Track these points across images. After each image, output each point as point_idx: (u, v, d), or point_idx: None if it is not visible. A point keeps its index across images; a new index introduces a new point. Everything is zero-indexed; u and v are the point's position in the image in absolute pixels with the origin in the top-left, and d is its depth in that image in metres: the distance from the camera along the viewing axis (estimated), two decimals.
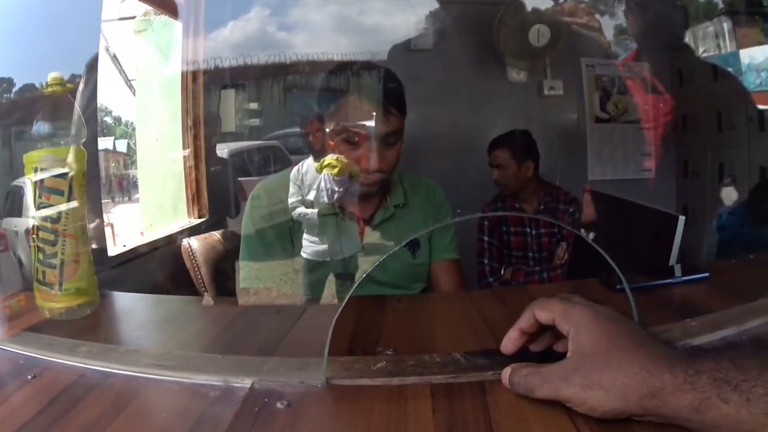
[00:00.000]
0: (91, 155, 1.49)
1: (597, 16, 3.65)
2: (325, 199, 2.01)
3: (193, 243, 2.35)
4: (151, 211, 3.40)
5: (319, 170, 2.10)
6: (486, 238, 3.05)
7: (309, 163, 2.39)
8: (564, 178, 3.29)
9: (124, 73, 3.32)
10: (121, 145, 4.25)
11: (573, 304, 0.86)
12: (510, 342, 0.94)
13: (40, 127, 1.37)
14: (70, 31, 2.21)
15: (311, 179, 2.26)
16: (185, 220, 3.30)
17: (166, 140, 3.40)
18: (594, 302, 0.89)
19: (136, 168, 3.50)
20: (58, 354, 1.13)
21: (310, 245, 2.07)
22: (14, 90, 2.39)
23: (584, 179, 3.65)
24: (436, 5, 3.67)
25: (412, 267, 1.92)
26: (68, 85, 1.42)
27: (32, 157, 1.37)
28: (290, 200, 2.26)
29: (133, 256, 2.73)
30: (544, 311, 0.89)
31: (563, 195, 2.96)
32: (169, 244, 2.86)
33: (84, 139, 1.43)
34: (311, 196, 2.17)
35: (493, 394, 0.89)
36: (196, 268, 2.31)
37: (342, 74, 1.94)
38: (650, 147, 3.71)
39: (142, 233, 3.27)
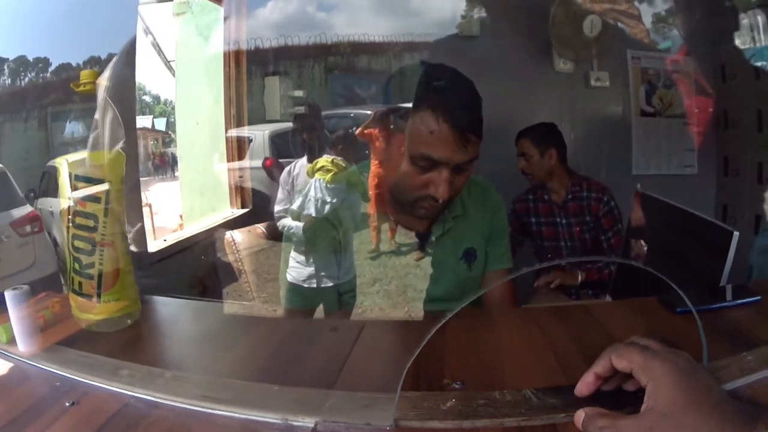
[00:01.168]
0: (130, 151, 1.42)
1: (635, 3, 3.58)
2: (312, 211, 1.87)
3: (236, 236, 2.25)
4: (191, 196, 3.38)
5: (311, 174, 1.95)
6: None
7: (302, 165, 2.21)
8: (610, 171, 3.23)
9: (163, 53, 3.29)
10: (160, 124, 4.24)
11: (653, 355, 0.84)
12: (585, 386, 0.92)
13: (74, 128, 1.30)
14: (106, 11, 2.14)
15: (302, 184, 2.11)
16: (227, 210, 3.23)
17: (207, 124, 3.35)
18: (670, 346, 0.89)
19: (175, 147, 3.48)
20: (99, 377, 1.06)
21: (296, 267, 1.94)
22: (50, 69, 2.36)
23: (629, 174, 3.57)
24: None
25: (467, 280, 1.78)
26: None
27: (66, 162, 1.30)
28: (276, 208, 2.11)
29: (173, 251, 2.66)
30: (622, 360, 0.87)
31: (593, 185, 2.92)
32: (210, 237, 2.79)
33: (122, 141, 1.35)
34: (296, 205, 2.04)
35: None
36: (239, 262, 2.21)
37: (416, 81, 1.73)
38: (693, 143, 3.63)
39: (181, 216, 3.23)
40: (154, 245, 2.60)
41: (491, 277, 1.80)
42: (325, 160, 2.07)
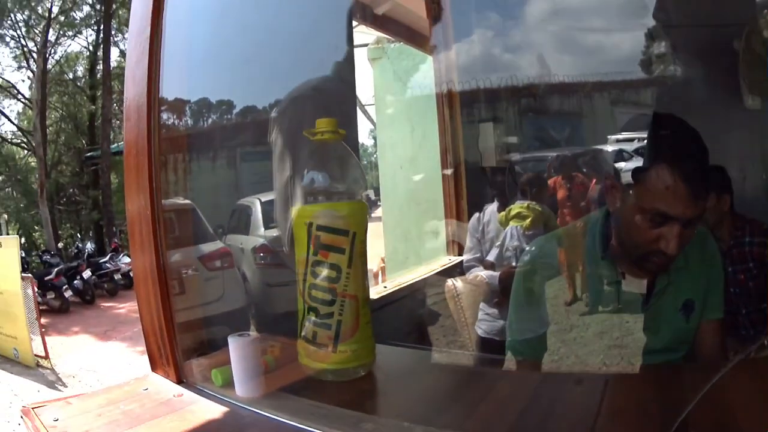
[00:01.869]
0: None
1: None
2: (513, 260, 1.82)
3: (458, 284, 2.22)
4: (394, 240, 3.42)
5: (504, 222, 1.88)
6: None
7: (492, 211, 2.14)
8: None
9: (358, 98, 3.35)
10: None
11: None
12: None
13: (312, 178, 1.30)
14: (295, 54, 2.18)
15: (493, 231, 2.04)
16: (444, 257, 3.22)
17: (410, 168, 3.40)
18: None
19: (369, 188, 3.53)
20: (337, 430, 1.04)
21: (486, 319, 1.88)
22: (234, 111, 2.44)
23: None
24: (667, 30, 3.50)
25: (685, 331, 1.72)
26: (341, 131, 1.34)
27: (305, 212, 1.31)
28: (465, 257, 2.03)
29: (395, 298, 2.66)
30: None
31: (756, 228, 2.69)
32: (430, 284, 2.78)
33: (364, 191, 1.35)
34: (492, 256, 1.96)
35: None
36: (461, 311, 2.17)
37: (653, 135, 1.69)
38: None
39: (382, 259, 3.25)
40: (374, 291, 2.60)
41: (707, 327, 1.73)
42: (519, 206, 2.01)
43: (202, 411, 1.15)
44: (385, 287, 2.69)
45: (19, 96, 18.43)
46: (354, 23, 2.96)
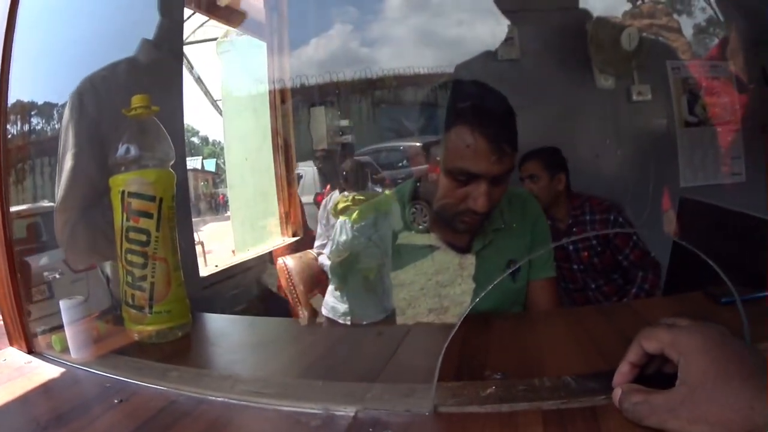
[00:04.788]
0: (180, 175, 1.48)
1: (675, 16, 3.52)
2: (346, 253, 1.84)
3: (289, 261, 2.28)
4: (242, 230, 3.43)
5: (335, 215, 1.90)
6: None
7: (336, 199, 2.18)
8: (658, 185, 3.17)
9: (210, 94, 3.35)
10: (210, 165, 4.28)
11: (680, 330, 0.82)
12: (621, 377, 0.89)
13: (125, 150, 1.36)
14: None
15: (335, 219, 2.07)
16: (279, 238, 3.27)
17: (256, 159, 3.41)
18: (701, 320, 0.86)
19: (226, 187, 3.54)
20: (148, 378, 1.11)
21: (331, 301, 1.92)
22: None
23: (677, 186, 3.49)
24: (522, 14, 3.58)
25: (512, 291, 1.77)
26: (154, 108, 1.40)
27: (118, 181, 1.36)
28: (315, 243, 2.06)
29: (225, 276, 2.70)
30: (651, 342, 0.85)
31: (596, 205, 2.81)
32: (263, 264, 2.82)
33: (172, 162, 1.41)
34: (327, 249, 1.97)
35: (605, 420, 0.83)
36: (292, 287, 2.24)
37: (452, 99, 1.73)
38: (739, 150, 3.52)
39: (233, 252, 3.28)
40: (205, 270, 2.62)
41: (536, 286, 1.80)
42: (344, 199, 2.04)
43: (46, 373, 1.21)
44: (216, 266, 2.74)
45: None
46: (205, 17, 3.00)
